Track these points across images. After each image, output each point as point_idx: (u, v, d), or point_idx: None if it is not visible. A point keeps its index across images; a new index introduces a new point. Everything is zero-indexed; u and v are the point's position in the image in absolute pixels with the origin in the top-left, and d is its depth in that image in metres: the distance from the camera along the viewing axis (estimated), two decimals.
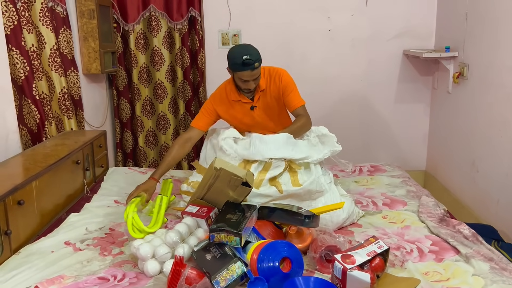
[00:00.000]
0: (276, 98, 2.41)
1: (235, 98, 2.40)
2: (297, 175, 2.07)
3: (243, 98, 2.40)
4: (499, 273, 1.61)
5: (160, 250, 1.69)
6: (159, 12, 3.67)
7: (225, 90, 2.43)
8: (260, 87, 2.38)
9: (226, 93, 2.43)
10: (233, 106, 2.43)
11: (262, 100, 2.41)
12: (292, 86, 2.40)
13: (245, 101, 2.41)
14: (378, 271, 1.59)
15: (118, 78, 3.78)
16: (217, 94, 2.46)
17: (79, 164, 2.42)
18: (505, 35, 2.72)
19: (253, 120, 2.43)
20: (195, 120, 2.46)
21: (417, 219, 2.13)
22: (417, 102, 3.98)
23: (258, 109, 2.42)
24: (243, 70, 2.20)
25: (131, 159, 3.96)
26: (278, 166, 2.07)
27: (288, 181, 2.05)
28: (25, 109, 2.47)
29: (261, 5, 3.77)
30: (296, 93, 2.41)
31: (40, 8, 2.60)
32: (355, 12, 3.80)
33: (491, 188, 2.90)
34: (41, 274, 1.65)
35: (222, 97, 2.43)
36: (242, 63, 2.18)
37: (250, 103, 2.41)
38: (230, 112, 2.45)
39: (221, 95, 2.44)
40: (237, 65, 2.21)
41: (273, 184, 2.04)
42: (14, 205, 1.78)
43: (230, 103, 2.42)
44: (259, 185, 2.03)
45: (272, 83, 2.39)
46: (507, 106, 2.71)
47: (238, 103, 2.42)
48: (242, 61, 2.18)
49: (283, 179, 2.06)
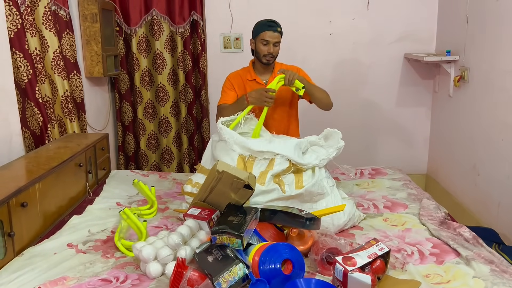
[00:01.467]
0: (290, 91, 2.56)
1: (251, 77, 2.63)
2: (302, 176, 2.08)
3: (258, 79, 2.62)
4: (500, 276, 1.61)
5: (162, 252, 1.70)
6: (161, 16, 3.69)
7: (243, 71, 2.69)
8: (275, 73, 2.59)
9: (243, 72, 2.69)
10: (248, 84, 2.63)
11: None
12: (309, 78, 2.66)
13: (259, 82, 2.62)
14: (379, 273, 1.59)
15: (120, 82, 3.80)
16: (234, 72, 2.75)
17: (82, 166, 2.43)
18: (506, 39, 2.73)
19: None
20: (222, 99, 2.64)
21: (418, 222, 2.13)
22: (418, 105, 3.99)
23: None
24: (266, 30, 2.51)
25: (133, 162, 3.98)
26: (281, 163, 2.09)
27: (292, 182, 2.06)
28: (28, 112, 2.48)
29: (263, 9, 3.78)
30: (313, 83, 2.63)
31: (44, 11, 2.63)
32: (357, 16, 3.81)
33: (492, 191, 2.91)
34: (44, 275, 1.66)
35: (239, 75, 2.69)
36: (267, 23, 2.54)
37: (262, 85, 2.57)
38: (243, 91, 2.61)
39: (238, 73, 2.71)
40: (262, 25, 2.54)
41: (276, 182, 2.05)
42: (18, 207, 1.79)
43: (245, 81, 2.64)
44: (264, 180, 2.03)
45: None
46: (507, 109, 2.72)
47: (252, 82, 2.62)
48: (267, 22, 2.54)
49: (287, 179, 2.07)
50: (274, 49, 2.55)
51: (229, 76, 2.71)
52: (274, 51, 2.55)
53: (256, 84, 2.61)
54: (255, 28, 2.58)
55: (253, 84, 2.61)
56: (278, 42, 2.55)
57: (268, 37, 2.52)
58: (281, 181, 2.06)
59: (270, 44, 2.53)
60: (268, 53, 2.54)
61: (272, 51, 2.54)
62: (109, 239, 1.99)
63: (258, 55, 2.59)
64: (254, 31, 2.58)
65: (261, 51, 2.55)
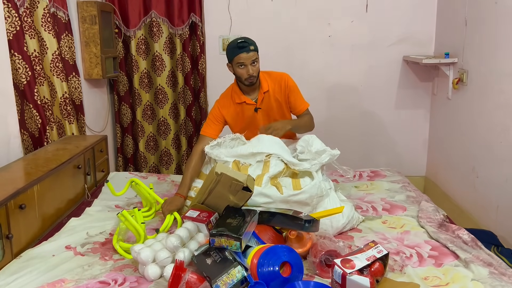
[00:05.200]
0: (280, 100, 2.49)
1: (239, 100, 2.47)
2: (299, 181, 2.07)
3: (247, 100, 2.47)
4: (498, 278, 1.61)
5: (160, 255, 1.69)
6: (160, 18, 3.69)
7: (230, 93, 2.52)
8: (263, 89, 2.46)
9: (231, 96, 2.50)
10: (237, 109, 2.49)
11: (266, 102, 2.48)
12: (297, 89, 2.53)
13: (249, 103, 2.47)
14: (378, 275, 1.59)
15: (119, 83, 3.80)
16: (223, 98, 2.54)
17: (80, 168, 2.43)
18: (504, 42, 2.74)
19: (255, 123, 2.47)
20: (204, 128, 2.51)
21: (417, 224, 2.13)
22: (417, 107, 3.99)
23: (261, 112, 2.48)
24: (238, 53, 2.32)
25: (131, 164, 3.97)
26: (276, 164, 2.09)
27: (289, 184, 2.06)
28: (26, 114, 2.48)
29: (262, 10, 3.79)
30: (301, 96, 2.55)
31: (43, 13, 2.63)
32: (355, 18, 3.82)
33: (491, 194, 2.91)
34: (42, 278, 1.66)
35: (228, 100, 2.51)
36: (237, 45, 2.33)
37: (253, 105, 2.47)
38: (234, 116, 2.50)
39: (227, 98, 2.52)
40: (233, 48, 2.35)
41: (274, 184, 2.05)
42: (16, 209, 1.79)
43: (234, 106, 2.49)
44: (261, 182, 2.03)
45: (277, 85, 2.48)
46: (506, 111, 2.73)
47: (242, 105, 2.48)
48: (237, 44, 2.33)
49: (284, 182, 2.07)
50: (253, 69, 2.36)
51: (218, 104, 2.52)
52: (253, 71, 2.37)
53: (245, 105, 2.48)
54: (227, 53, 2.41)
55: (242, 107, 2.49)
56: (255, 59, 2.36)
57: (243, 60, 2.33)
58: (278, 184, 2.05)
59: (248, 66, 2.34)
60: (248, 75, 2.37)
61: (251, 72, 2.36)
62: (108, 241, 1.99)
63: (240, 79, 2.42)
64: (228, 56, 2.40)
65: (241, 74, 2.38)
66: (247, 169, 2.11)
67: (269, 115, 2.47)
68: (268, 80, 2.49)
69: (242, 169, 2.12)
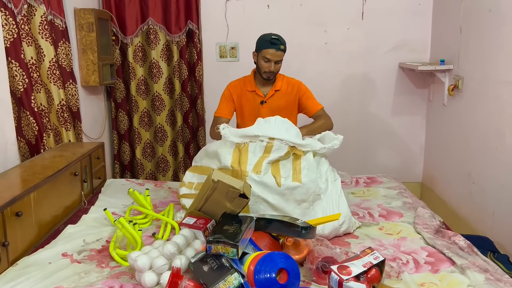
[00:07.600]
0: (289, 102, 2.60)
1: (251, 88, 2.63)
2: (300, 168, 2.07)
3: (258, 91, 2.62)
4: (494, 284, 1.62)
5: (157, 262, 1.69)
6: (157, 25, 3.71)
7: (243, 80, 2.67)
8: (276, 87, 2.61)
9: (243, 82, 2.66)
10: (246, 95, 2.64)
11: (274, 99, 2.60)
12: (310, 93, 2.70)
13: (258, 94, 2.62)
14: (374, 282, 1.59)
15: (116, 90, 3.80)
16: (235, 82, 2.70)
17: (77, 175, 2.43)
18: (499, 49, 2.76)
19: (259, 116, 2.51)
20: (218, 109, 2.66)
21: (413, 231, 2.14)
22: (413, 114, 4.01)
23: (266, 106, 2.59)
24: (268, 48, 2.47)
25: (128, 171, 3.97)
26: (279, 148, 2.09)
27: (290, 173, 2.06)
28: (23, 121, 2.48)
29: (259, 18, 3.81)
30: (314, 98, 2.68)
31: (40, 21, 2.63)
32: (351, 26, 3.84)
33: (487, 200, 2.92)
34: (39, 285, 1.65)
35: (240, 84, 2.69)
36: (270, 40, 2.47)
37: (261, 98, 2.59)
38: (241, 100, 2.63)
39: (239, 82, 2.71)
40: (265, 41, 2.49)
41: (274, 173, 2.05)
42: (12, 216, 1.79)
43: (244, 92, 2.64)
44: (260, 168, 2.04)
45: (289, 88, 2.64)
46: (501, 118, 2.74)
47: (252, 94, 2.62)
48: (270, 39, 2.47)
49: (284, 171, 2.06)
50: (275, 67, 2.53)
51: (229, 86, 2.71)
52: (275, 69, 2.53)
53: (255, 95, 2.61)
54: (258, 42, 2.56)
55: (251, 95, 2.61)
56: (280, 60, 2.53)
57: (270, 55, 2.49)
58: (278, 173, 2.05)
59: (272, 62, 2.50)
60: (268, 70, 2.52)
61: (273, 69, 2.52)
62: (104, 248, 1.98)
63: (259, 69, 2.58)
64: (257, 46, 2.56)
65: (262, 67, 2.54)
66: (248, 149, 2.12)
67: (274, 112, 2.52)
68: (283, 81, 2.65)
69: (242, 150, 2.13)
